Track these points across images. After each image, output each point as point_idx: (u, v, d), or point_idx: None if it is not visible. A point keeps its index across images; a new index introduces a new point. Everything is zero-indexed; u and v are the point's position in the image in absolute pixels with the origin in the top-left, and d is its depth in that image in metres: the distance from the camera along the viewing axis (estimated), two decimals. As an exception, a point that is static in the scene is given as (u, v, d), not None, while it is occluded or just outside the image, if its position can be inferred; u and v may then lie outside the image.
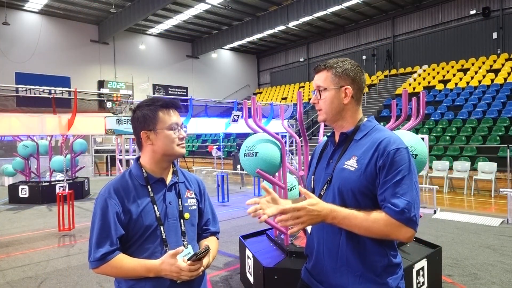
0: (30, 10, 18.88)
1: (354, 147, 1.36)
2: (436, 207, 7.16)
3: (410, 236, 1.23)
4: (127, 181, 1.41)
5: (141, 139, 1.43)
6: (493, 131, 11.26)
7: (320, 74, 1.43)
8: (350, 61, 1.43)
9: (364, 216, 1.22)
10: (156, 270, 1.30)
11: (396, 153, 1.25)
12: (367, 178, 1.28)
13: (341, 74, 1.39)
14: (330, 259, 1.36)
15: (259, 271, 3.08)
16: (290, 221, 1.16)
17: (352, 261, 1.31)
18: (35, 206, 8.41)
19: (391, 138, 1.29)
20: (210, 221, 1.59)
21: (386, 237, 1.26)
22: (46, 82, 14.17)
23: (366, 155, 1.30)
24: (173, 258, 1.28)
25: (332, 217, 1.20)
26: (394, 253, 1.34)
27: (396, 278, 1.32)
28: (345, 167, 1.33)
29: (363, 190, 1.29)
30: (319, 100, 1.43)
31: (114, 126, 6.69)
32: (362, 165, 1.29)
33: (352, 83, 1.39)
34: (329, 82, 1.40)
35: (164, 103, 1.43)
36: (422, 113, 3.77)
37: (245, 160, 3.23)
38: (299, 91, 3.17)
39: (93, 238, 1.32)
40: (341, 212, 1.21)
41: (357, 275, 1.31)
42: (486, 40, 16.95)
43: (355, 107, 1.42)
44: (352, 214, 1.22)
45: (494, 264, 4.21)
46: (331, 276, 1.36)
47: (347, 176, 1.31)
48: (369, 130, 1.38)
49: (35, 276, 4.15)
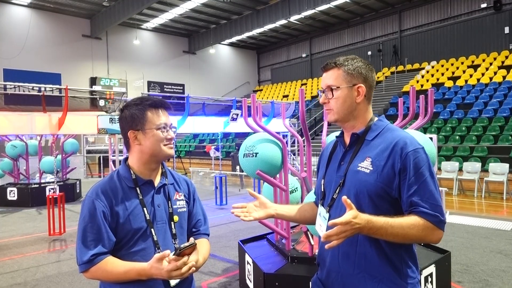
0: (18, 3, 18.84)
1: (367, 148, 1.36)
2: (445, 210, 7.02)
3: (440, 237, 1.27)
4: (115, 182, 1.42)
5: (128, 139, 1.45)
6: (505, 131, 11.16)
7: (330, 72, 1.42)
8: (361, 58, 1.44)
9: (399, 224, 1.21)
10: (146, 273, 1.30)
11: (415, 154, 1.27)
12: (384, 180, 1.28)
13: (353, 72, 1.39)
14: (346, 266, 1.36)
15: (259, 278, 3.08)
16: (335, 236, 1.14)
17: (371, 266, 1.31)
18: (24, 209, 8.40)
19: (407, 139, 1.30)
20: (200, 222, 1.60)
21: (419, 241, 1.30)
22: (35, 79, 14.32)
23: (381, 156, 1.31)
24: (160, 262, 1.26)
25: (369, 228, 1.18)
26: (411, 256, 1.35)
27: (414, 284, 1.33)
28: (359, 169, 1.33)
29: (380, 192, 1.29)
30: (330, 100, 1.41)
31: (107, 125, 6.63)
32: (378, 167, 1.29)
33: (365, 81, 1.40)
34: (341, 80, 1.39)
35: (153, 102, 1.44)
36: (430, 112, 3.76)
37: (245, 161, 3.21)
38: (301, 89, 3.19)
39: (81, 241, 1.34)
40: (376, 222, 1.19)
41: (376, 280, 1.31)
42: (498, 35, 16.76)
43: (366, 106, 1.42)
44: (387, 223, 1.20)
45: (506, 270, 4.18)
46: (348, 283, 1.36)
47: (362, 178, 1.32)
48: (381, 130, 1.38)
49: (24, 282, 4.14)
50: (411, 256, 1.34)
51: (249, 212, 1.45)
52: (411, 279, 1.32)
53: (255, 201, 1.50)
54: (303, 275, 2.88)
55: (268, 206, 1.50)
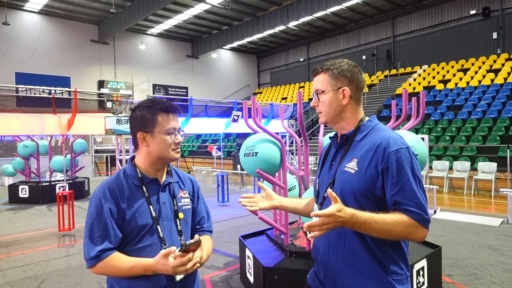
0: (30, 10, 18.90)
1: (355, 149, 1.36)
2: (436, 207, 7.15)
3: (425, 236, 1.25)
4: (121, 181, 1.41)
5: (137, 139, 1.43)
6: (493, 131, 11.27)
7: (318, 77, 1.44)
8: (347, 61, 1.42)
9: (383, 220, 1.20)
10: (152, 269, 1.30)
11: (397, 154, 1.25)
12: (367, 180, 1.28)
13: (337, 76, 1.39)
14: (336, 261, 1.36)
15: (259, 271, 3.09)
16: (317, 227, 1.13)
17: (358, 262, 1.32)
18: (35, 206, 8.41)
19: (390, 139, 1.28)
20: (204, 219, 1.59)
21: (403, 239, 1.29)
22: (46, 82, 14.23)
23: (366, 157, 1.30)
24: (166, 258, 1.27)
25: (353, 222, 1.18)
26: (398, 253, 1.34)
27: (402, 280, 1.33)
28: (346, 169, 1.34)
29: (364, 192, 1.29)
30: (319, 103, 1.43)
31: (114, 126, 6.64)
32: (363, 167, 1.29)
33: (350, 84, 1.39)
34: (326, 84, 1.40)
35: (164, 106, 1.42)
36: (422, 113, 3.76)
37: (245, 160, 3.22)
38: (299, 91, 3.17)
39: (88, 237, 1.33)
40: (361, 217, 1.19)
41: (364, 276, 1.31)
42: (486, 40, 16.97)
43: (354, 108, 1.41)
44: (371, 218, 1.19)
45: (494, 264, 4.21)
46: (338, 277, 1.36)
47: (348, 178, 1.32)
48: (369, 130, 1.37)
49: (35, 276, 4.14)
50: (398, 253, 1.33)
51: (255, 202, 1.46)
52: (398, 275, 1.31)
53: (263, 192, 1.50)
54: (300, 269, 2.92)
55: (273, 198, 1.51)
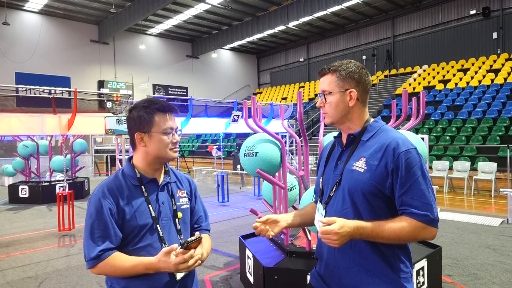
0: (30, 10, 18.98)
1: (362, 148, 1.37)
2: (436, 207, 7.19)
3: (434, 234, 1.28)
4: (120, 181, 1.42)
5: (134, 140, 1.43)
6: (493, 131, 11.30)
7: (325, 77, 1.44)
8: (355, 63, 1.43)
9: (389, 228, 1.24)
10: (154, 267, 1.30)
11: (407, 154, 1.27)
12: (377, 179, 1.29)
13: (345, 77, 1.39)
14: (342, 259, 1.37)
15: (259, 271, 3.09)
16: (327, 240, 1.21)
17: (365, 260, 1.33)
18: (35, 206, 8.41)
19: (399, 140, 1.31)
20: (202, 218, 1.60)
21: (414, 240, 1.31)
22: (46, 82, 14.22)
23: (374, 156, 1.32)
24: (167, 255, 1.27)
25: (359, 234, 1.23)
26: (404, 252, 1.36)
27: (407, 278, 1.34)
28: (354, 168, 1.35)
29: (373, 190, 1.30)
30: (325, 104, 1.43)
31: (114, 126, 6.58)
32: (372, 166, 1.31)
33: (357, 86, 1.40)
34: (334, 85, 1.40)
35: (161, 106, 1.42)
36: (422, 113, 3.77)
37: (245, 160, 3.22)
38: (299, 91, 3.16)
39: (88, 237, 1.32)
40: (366, 227, 1.24)
41: (371, 274, 1.32)
42: (486, 40, 17.02)
43: (361, 109, 1.42)
44: (378, 227, 1.24)
45: (494, 264, 4.22)
46: (344, 276, 1.37)
47: (356, 177, 1.33)
48: (376, 131, 1.39)
49: (35, 276, 4.14)
50: (404, 252, 1.36)
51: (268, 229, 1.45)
52: (404, 273, 1.33)
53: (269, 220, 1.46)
54: (300, 269, 2.92)
55: (279, 220, 1.48)
